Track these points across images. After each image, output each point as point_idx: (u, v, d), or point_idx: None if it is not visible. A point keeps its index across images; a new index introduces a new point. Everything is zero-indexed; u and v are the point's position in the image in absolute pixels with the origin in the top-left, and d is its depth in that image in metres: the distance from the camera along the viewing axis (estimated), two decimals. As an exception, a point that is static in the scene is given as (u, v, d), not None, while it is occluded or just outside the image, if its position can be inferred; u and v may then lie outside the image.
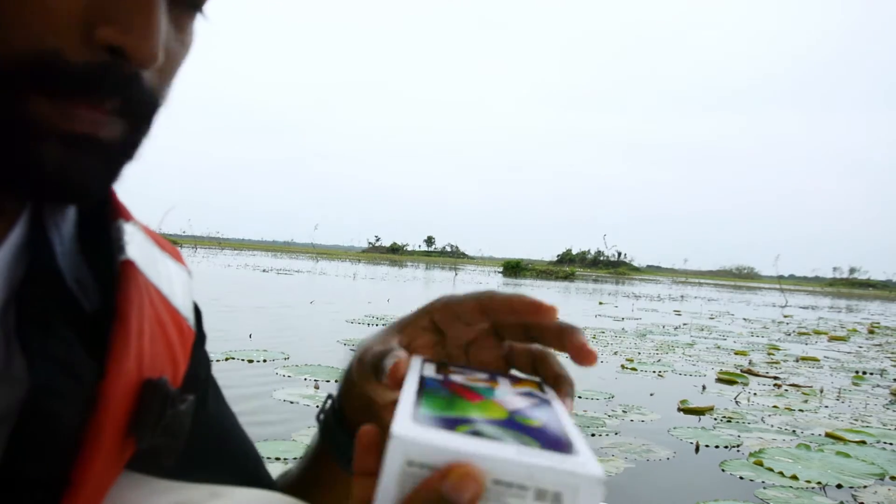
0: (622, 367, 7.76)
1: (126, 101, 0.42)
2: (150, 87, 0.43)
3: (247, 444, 0.71)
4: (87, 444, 0.44)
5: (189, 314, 0.59)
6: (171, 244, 0.62)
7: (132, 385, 0.47)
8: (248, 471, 0.68)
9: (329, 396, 0.64)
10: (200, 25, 0.49)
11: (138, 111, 0.43)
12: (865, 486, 3.93)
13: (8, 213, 0.46)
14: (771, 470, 4.10)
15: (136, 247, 0.53)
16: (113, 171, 0.45)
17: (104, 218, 0.53)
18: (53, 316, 0.45)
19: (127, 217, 0.54)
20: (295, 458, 3.25)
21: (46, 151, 0.39)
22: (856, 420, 5.72)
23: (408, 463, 0.31)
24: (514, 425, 0.36)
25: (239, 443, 0.70)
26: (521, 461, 0.32)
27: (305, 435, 4.08)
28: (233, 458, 0.68)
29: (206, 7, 0.47)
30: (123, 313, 0.47)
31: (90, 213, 0.53)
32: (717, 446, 4.58)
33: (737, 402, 6.12)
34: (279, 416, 4.50)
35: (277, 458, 3.61)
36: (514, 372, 0.55)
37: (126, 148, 0.44)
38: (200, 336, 0.63)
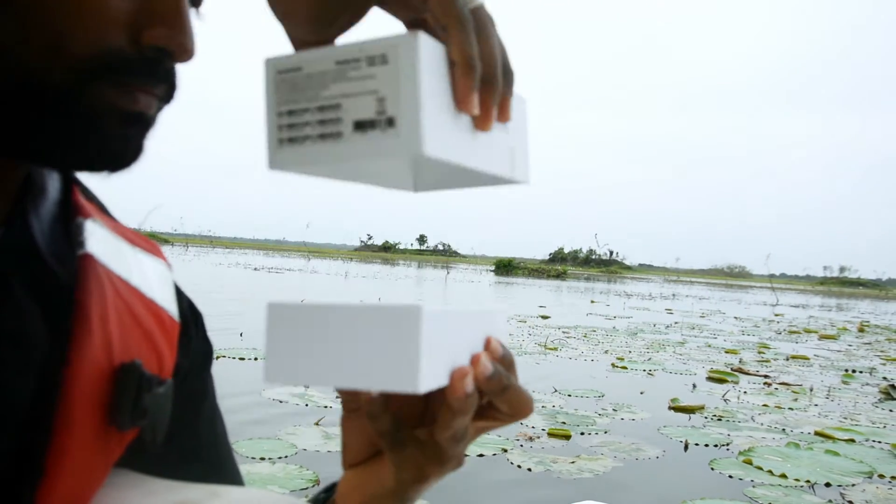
0: (612, 365, 7.76)
1: (169, 88, 0.51)
2: (178, 74, 0.52)
3: (227, 450, 0.71)
4: (58, 431, 0.45)
5: (170, 306, 0.60)
6: (146, 239, 0.64)
7: (102, 371, 0.48)
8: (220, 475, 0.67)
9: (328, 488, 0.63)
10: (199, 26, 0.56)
11: (172, 93, 0.52)
12: (854, 485, 3.93)
13: (10, 196, 0.50)
14: (760, 468, 4.09)
15: (98, 241, 0.54)
16: (146, 142, 0.52)
17: (66, 215, 0.55)
18: (16, 286, 0.47)
19: (86, 215, 0.56)
20: (280, 458, 3.22)
21: (110, 126, 0.47)
22: (845, 418, 5.73)
23: None
24: None
25: (221, 449, 0.70)
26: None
27: (292, 434, 4.05)
28: (211, 461, 0.68)
29: (203, 8, 0.55)
30: (82, 303, 0.49)
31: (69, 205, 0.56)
32: (706, 445, 4.58)
33: (725, 401, 6.13)
34: (267, 415, 4.47)
35: (262, 458, 3.58)
36: None
37: (154, 123, 0.52)
38: (192, 329, 0.65)
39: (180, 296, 0.65)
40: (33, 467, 0.44)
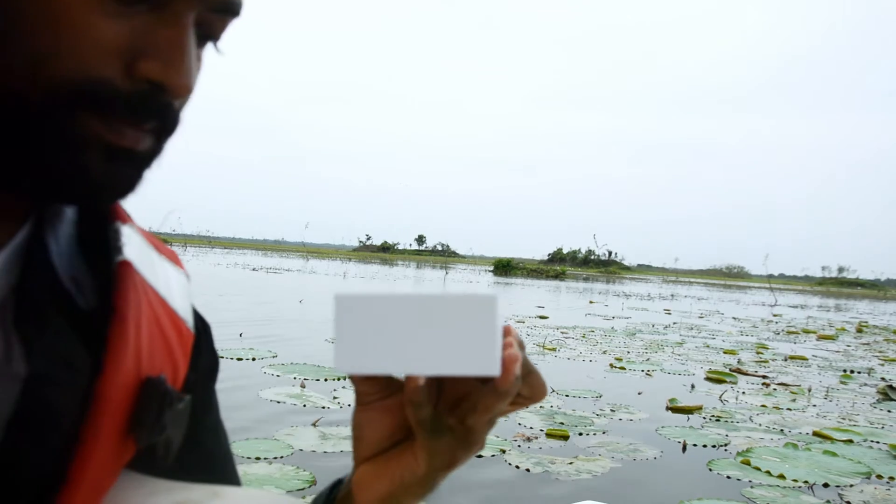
0: (611, 366, 7.76)
1: (162, 124, 0.48)
2: (177, 111, 0.50)
3: (229, 461, 0.72)
4: (85, 440, 0.45)
5: (188, 316, 0.60)
6: (168, 248, 0.64)
7: (131, 383, 0.48)
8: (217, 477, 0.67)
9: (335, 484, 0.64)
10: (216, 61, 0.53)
11: (167, 129, 0.50)
12: (852, 485, 3.93)
13: (17, 214, 0.49)
14: (758, 469, 4.09)
15: (134, 248, 0.54)
16: (141, 178, 0.50)
17: (102, 220, 0.55)
18: (50, 310, 0.47)
19: (124, 219, 0.55)
20: (277, 458, 3.21)
21: (92, 160, 0.44)
22: (843, 419, 5.73)
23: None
24: None
25: (222, 451, 0.71)
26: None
27: (289, 434, 4.05)
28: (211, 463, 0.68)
29: (221, 43, 0.53)
30: (121, 312, 0.49)
31: (89, 215, 0.55)
32: (704, 445, 4.58)
33: (722, 401, 6.13)
34: (264, 416, 4.47)
35: (258, 458, 3.58)
36: None
37: (152, 158, 0.50)
38: (202, 339, 0.65)
39: (194, 309, 0.65)
40: (59, 475, 0.44)
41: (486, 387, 0.50)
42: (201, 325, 0.66)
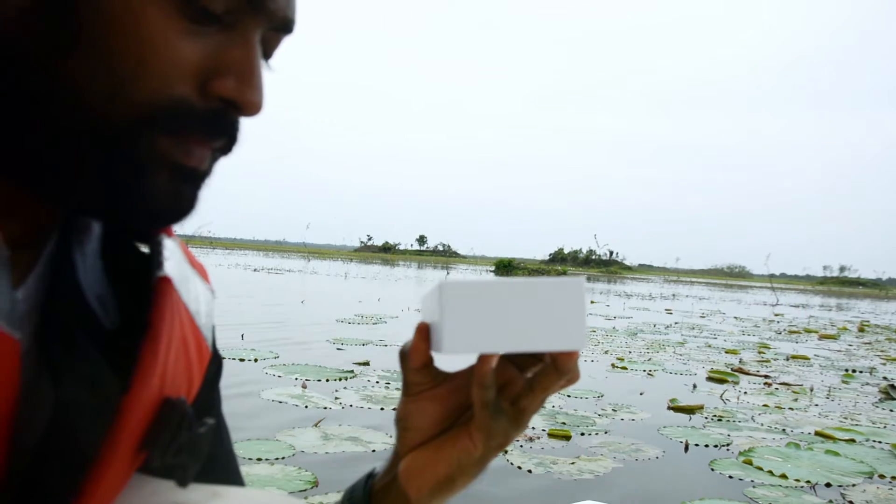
0: (612, 366, 7.75)
1: (229, 142, 0.49)
2: (241, 128, 0.50)
3: (232, 461, 0.72)
4: (103, 457, 0.44)
5: (209, 334, 0.61)
6: (199, 262, 0.64)
7: (153, 402, 0.48)
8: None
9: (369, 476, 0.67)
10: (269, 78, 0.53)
11: (230, 148, 0.50)
12: (854, 485, 3.93)
13: (45, 226, 0.49)
14: (760, 469, 4.09)
15: (174, 263, 0.54)
16: (198, 198, 0.50)
17: (138, 236, 0.56)
18: (77, 332, 0.47)
19: (168, 233, 0.55)
20: (278, 459, 3.21)
21: (160, 180, 0.45)
22: (845, 418, 5.72)
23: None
24: None
25: (226, 453, 0.71)
26: None
27: (290, 435, 4.05)
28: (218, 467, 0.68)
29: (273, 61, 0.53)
30: (156, 330, 0.48)
31: (116, 229, 0.55)
32: (706, 445, 4.57)
33: (723, 401, 6.12)
34: (266, 416, 4.47)
35: (259, 459, 3.58)
36: None
37: (208, 176, 0.50)
38: (215, 356, 0.65)
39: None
40: (73, 491, 0.44)
41: (545, 367, 0.55)
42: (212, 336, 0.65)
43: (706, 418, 5.37)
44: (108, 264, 0.54)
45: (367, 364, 6.66)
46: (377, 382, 5.81)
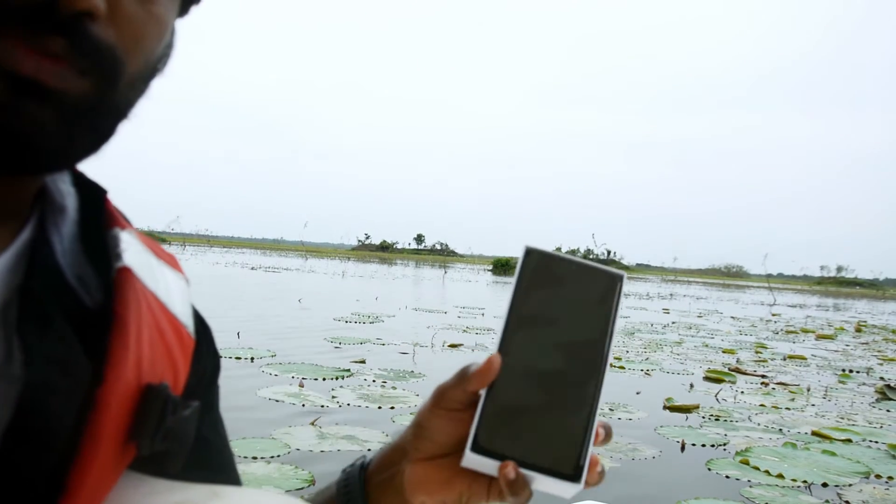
0: (610, 365, 7.73)
1: (72, 47, 0.40)
2: (102, 40, 0.42)
3: (230, 460, 0.71)
4: (85, 449, 0.44)
5: (188, 321, 0.59)
6: (167, 252, 0.62)
7: (131, 390, 0.47)
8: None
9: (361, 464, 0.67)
10: (194, 23, 0.51)
11: (96, 68, 0.42)
12: (851, 485, 3.93)
13: (20, 213, 0.47)
14: (757, 469, 4.09)
15: (133, 254, 0.53)
16: (77, 133, 0.43)
17: (100, 225, 0.53)
18: (54, 312, 0.45)
19: (123, 225, 0.54)
20: (274, 457, 3.20)
21: None
22: (842, 418, 5.73)
23: None
24: None
25: (221, 450, 0.70)
26: None
27: (286, 433, 4.04)
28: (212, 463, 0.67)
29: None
30: (121, 319, 0.47)
31: (90, 218, 0.53)
32: (703, 445, 4.57)
33: (718, 400, 6.12)
34: (262, 415, 4.46)
35: (256, 458, 3.57)
36: None
37: (93, 109, 0.43)
38: (203, 344, 0.63)
39: (194, 311, 0.64)
40: (57, 485, 0.43)
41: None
42: (201, 327, 0.64)
43: (703, 418, 5.37)
44: (89, 247, 0.52)
45: (363, 363, 6.66)
46: (374, 381, 5.80)
